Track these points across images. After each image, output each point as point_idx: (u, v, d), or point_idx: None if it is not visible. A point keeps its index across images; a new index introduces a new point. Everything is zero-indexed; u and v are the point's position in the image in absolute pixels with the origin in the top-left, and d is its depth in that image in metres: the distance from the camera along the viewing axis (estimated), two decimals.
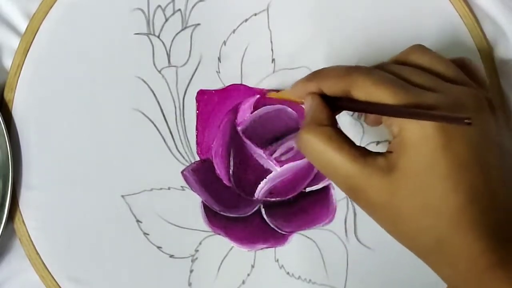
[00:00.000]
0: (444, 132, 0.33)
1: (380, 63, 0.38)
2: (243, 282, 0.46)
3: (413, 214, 0.34)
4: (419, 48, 0.38)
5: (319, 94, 0.38)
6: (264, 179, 0.46)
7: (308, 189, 0.46)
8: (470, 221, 0.33)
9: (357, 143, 0.36)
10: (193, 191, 0.46)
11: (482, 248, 0.33)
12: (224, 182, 0.46)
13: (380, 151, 0.35)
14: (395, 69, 0.36)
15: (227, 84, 0.46)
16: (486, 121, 0.35)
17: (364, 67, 0.36)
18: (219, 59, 0.46)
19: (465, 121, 0.31)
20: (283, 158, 0.46)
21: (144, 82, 0.45)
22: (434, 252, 0.34)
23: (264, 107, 0.46)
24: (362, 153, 0.35)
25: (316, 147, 0.36)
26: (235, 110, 0.46)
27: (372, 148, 0.46)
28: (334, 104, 0.37)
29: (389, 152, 0.35)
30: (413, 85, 0.34)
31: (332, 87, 0.37)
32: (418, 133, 0.33)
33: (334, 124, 0.37)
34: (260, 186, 0.46)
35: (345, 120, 0.46)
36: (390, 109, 0.34)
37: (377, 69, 0.36)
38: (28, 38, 0.45)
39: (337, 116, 0.38)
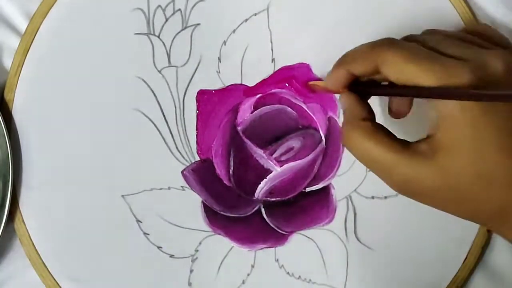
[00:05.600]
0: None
1: (409, 35, 0.37)
2: (243, 282, 0.46)
3: (470, 189, 0.34)
4: (436, 29, 0.38)
5: (353, 92, 0.38)
6: (264, 179, 0.46)
7: (308, 189, 0.46)
8: None
9: None
10: (193, 191, 0.46)
11: None
12: (224, 182, 0.46)
13: (420, 139, 0.35)
14: (425, 39, 0.36)
15: (227, 84, 0.46)
16: None
17: (392, 39, 0.36)
18: (219, 59, 0.46)
19: None
20: (283, 158, 0.46)
21: (144, 82, 0.45)
22: (498, 219, 0.35)
23: (264, 107, 0.46)
24: (402, 144, 0.35)
25: (358, 144, 0.36)
26: (235, 110, 0.46)
27: None
28: (366, 91, 0.37)
29: (429, 136, 0.35)
30: (443, 55, 0.34)
31: (360, 68, 0.37)
32: (455, 106, 0.33)
33: (372, 118, 0.37)
34: (260, 186, 0.46)
35: None
36: (427, 91, 0.33)
37: (402, 41, 0.36)
38: (28, 38, 0.45)
39: None
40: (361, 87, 0.38)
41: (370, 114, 0.37)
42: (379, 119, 0.38)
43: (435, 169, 0.34)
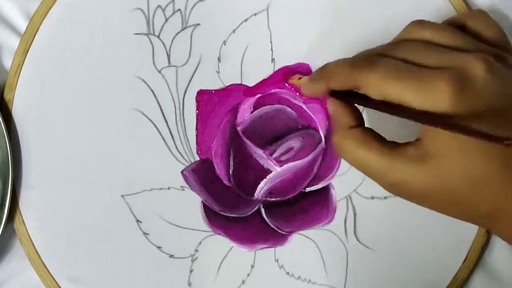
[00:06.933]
0: (467, 107, 0.33)
1: (382, 45, 0.37)
2: (243, 282, 0.46)
3: (462, 192, 0.34)
4: (418, 24, 0.37)
5: (338, 98, 0.38)
6: (264, 179, 0.46)
7: (308, 189, 0.46)
8: None
9: None
10: (193, 191, 0.46)
11: None
12: (224, 182, 0.46)
13: (409, 141, 0.35)
14: (398, 52, 0.35)
15: (227, 84, 0.46)
16: (503, 79, 0.34)
17: (369, 58, 0.35)
18: (219, 59, 0.46)
19: (505, 142, 0.31)
20: (283, 158, 0.46)
21: (144, 82, 0.45)
22: (491, 219, 0.35)
23: (263, 107, 0.46)
24: (390, 147, 0.35)
25: (348, 150, 0.36)
26: (235, 110, 0.46)
27: None
28: (347, 100, 0.37)
29: (418, 139, 0.35)
30: (421, 66, 0.34)
31: (339, 86, 0.37)
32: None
33: (359, 124, 0.37)
34: (260, 186, 0.46)
35: None
36: (416, 115, 0.33)
37: (381, 58, 0.35)
38: (28, 38, 0.45)
39: None
40: (341, 96, 0.38)
41: (357, 120, 0.37)
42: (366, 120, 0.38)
43: (424, 172, 0.34)
